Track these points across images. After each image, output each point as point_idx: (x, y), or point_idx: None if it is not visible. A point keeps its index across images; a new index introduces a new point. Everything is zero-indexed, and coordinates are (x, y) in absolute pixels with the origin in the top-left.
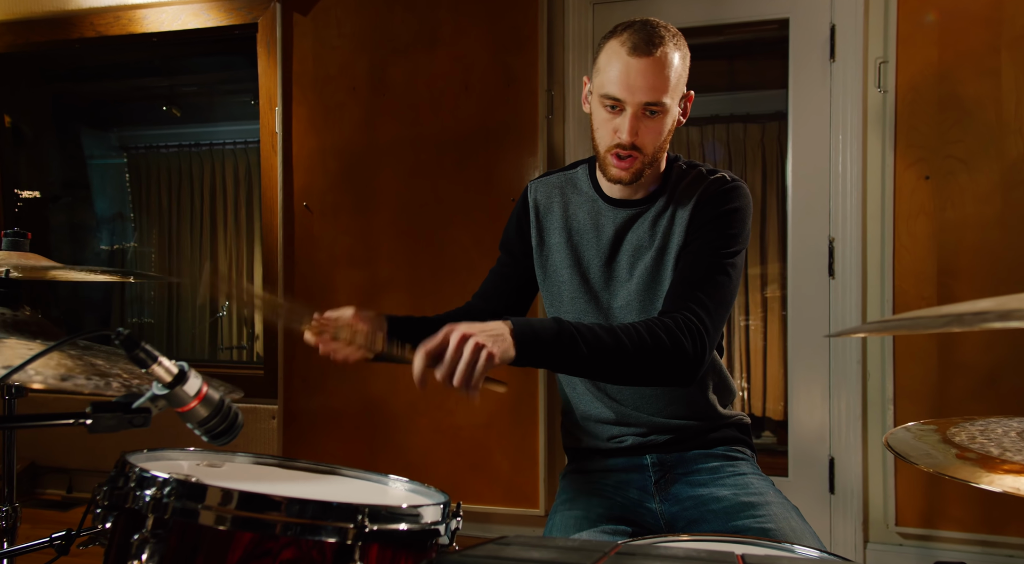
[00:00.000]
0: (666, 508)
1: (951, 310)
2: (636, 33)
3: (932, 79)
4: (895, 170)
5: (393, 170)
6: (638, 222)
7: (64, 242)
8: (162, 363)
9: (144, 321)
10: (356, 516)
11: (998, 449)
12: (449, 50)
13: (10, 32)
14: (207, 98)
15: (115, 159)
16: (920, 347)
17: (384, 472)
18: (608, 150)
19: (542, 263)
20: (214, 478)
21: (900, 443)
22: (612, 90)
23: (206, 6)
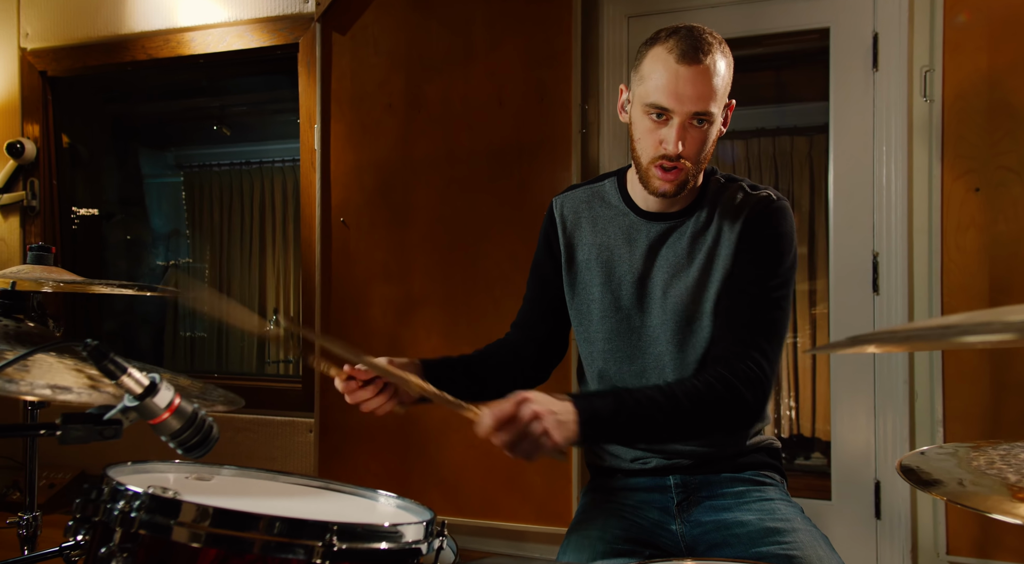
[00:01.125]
0: (687, 530)
1: (921, 325)
2: (683, 40)
3: (981, 87)
4: (942, 182)
5: (428, 185)
6: (674, 237)
7: (121, 258)
8: (132, 374)
9: (197, 335)
10: (324, 534)
11: (1016, 475)
12: (483, 66)
13: (68, 57)
14: (257, 117)
15: (172, 178)
16: (971, 367)
17: (418, 489)
18: (652, 161)
19: (571, 281)
20: (194, 492)
21: (917, 467)
22: (659, 99)
23: (250, 27)
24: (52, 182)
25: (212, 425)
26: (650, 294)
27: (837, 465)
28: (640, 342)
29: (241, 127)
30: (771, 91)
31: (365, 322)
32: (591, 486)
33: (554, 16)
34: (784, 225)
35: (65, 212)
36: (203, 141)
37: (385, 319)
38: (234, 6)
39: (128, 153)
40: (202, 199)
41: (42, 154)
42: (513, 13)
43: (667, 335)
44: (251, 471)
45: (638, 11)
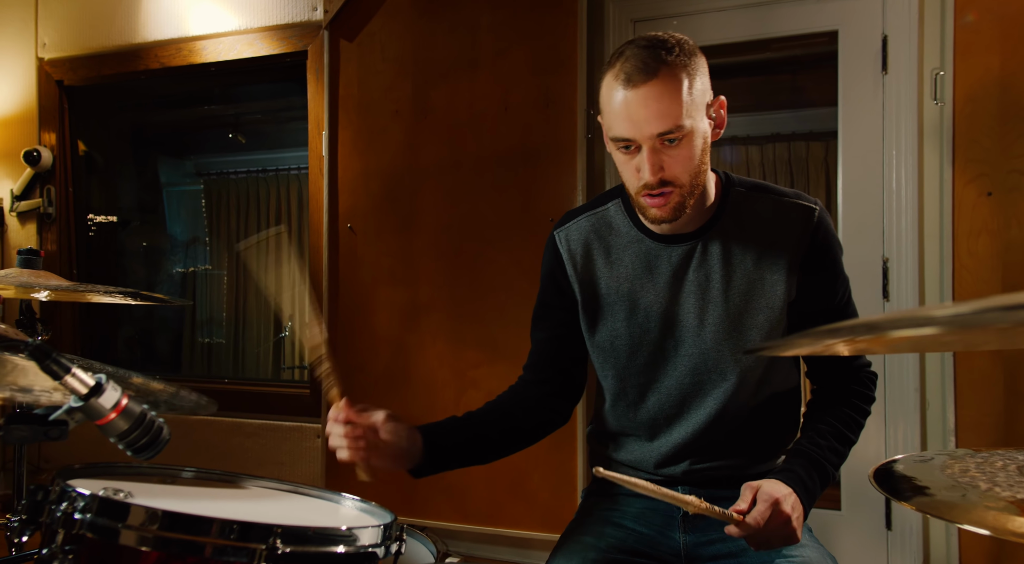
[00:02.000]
0: (690, 539)
1: (853, 323)
2: (629, 60)
3: (993, 89)
4: (954, 186)
5: (433, 192)
6: (699, 261)
7: (139, 265)
8: (76, 375)
9: (215, 341)
10: (268, 538)
11: (988, 484)
12: (489, 72)
13: (84, 66)
14: (272, 125)
15: (192, 185)
16: (984, 374)
17: (423, 495)
18: (638, 192)
19: (590, 319)
20: (152, 495)
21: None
22: (618, 131)
23: (260, 35)
24: (68, 189)
25: (162, 426)
26: (682, 322)
27: (847, 474)
28: (676, 371)
29: (257, 135)
30: (787, 96)
31: (371, 327)
32: (592, 489)
33: (559, 22)
34: (833, 230)
35: (81, 219)
36: (221, 149)
37: (391, 324)
38: (244, 15)
39: (147, 161)
40: (219, 206)
41: (58, 162)
42: (519, 19)
43: (709, 363)
44: (211, 474)
45: (643, 15)
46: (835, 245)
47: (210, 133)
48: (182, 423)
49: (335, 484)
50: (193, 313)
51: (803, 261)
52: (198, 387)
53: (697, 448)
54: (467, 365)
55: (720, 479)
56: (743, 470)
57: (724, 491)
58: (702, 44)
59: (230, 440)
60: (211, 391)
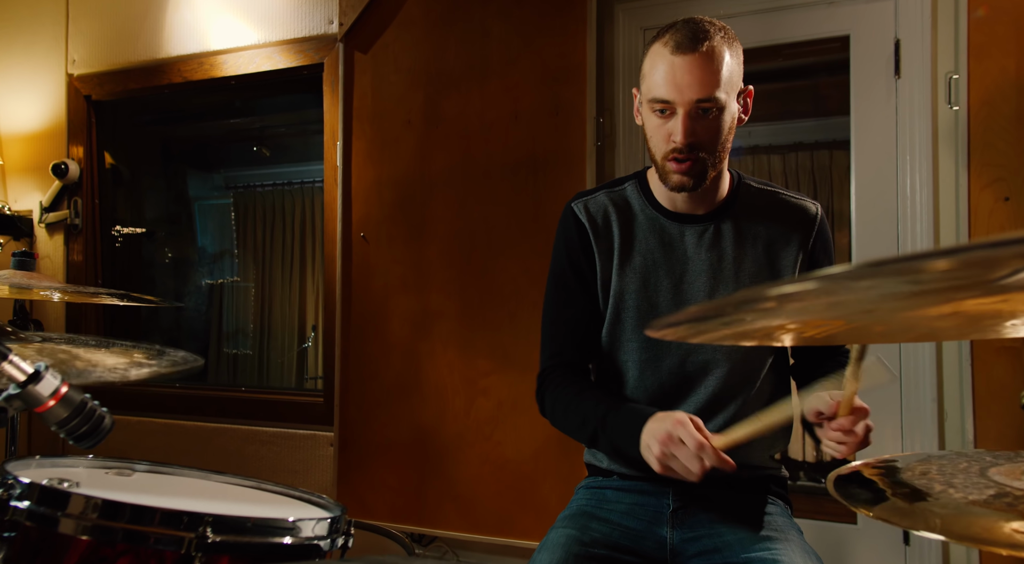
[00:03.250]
0: (677, 535)
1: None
2: (679, 31)
3: (1009, 92)
4: (969, 191)
5: (445, 200)
6: (712, 241)
7: (168, 276)
8: (14, 361)
9: (242, 352)
10: (198, 526)
11: (942, 485)
12: (499, 81)
13: (111, 81)
14: (297, 138)
15: (222, 199)
16: (1003, 384)
17: (433, 504)
18: (665, 156)
19: (606, 291)
20: (103, 486)
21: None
22: (659, 92)
23: (278, 49)
24: (94, 201)
25: (104, 415)
26: (690, 300)
27: None
28: (680, 350)
29: (283, 148)
30: (809, 104)
31: (384, 335)
32: (585, 483)
33: (569, 30)
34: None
35: (107, 230)
36: (248, 162)
37: (403, 332)
38: (263, 29)
39: (176, 174)
40: (247, 218)
41: (85, 175)
42: (528, 28)
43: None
44: (182, 469)
45: (653, 23)
46: (832, 245)
47: (237, 146)
48: (199, 430)
49: (346, 491)
50: (220, 324)
51: (808, 257)
52: (216, 395)
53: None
54: (477, 373)
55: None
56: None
57: (709, 489)
58: None
59: (245, 448)
60: (228, 399)
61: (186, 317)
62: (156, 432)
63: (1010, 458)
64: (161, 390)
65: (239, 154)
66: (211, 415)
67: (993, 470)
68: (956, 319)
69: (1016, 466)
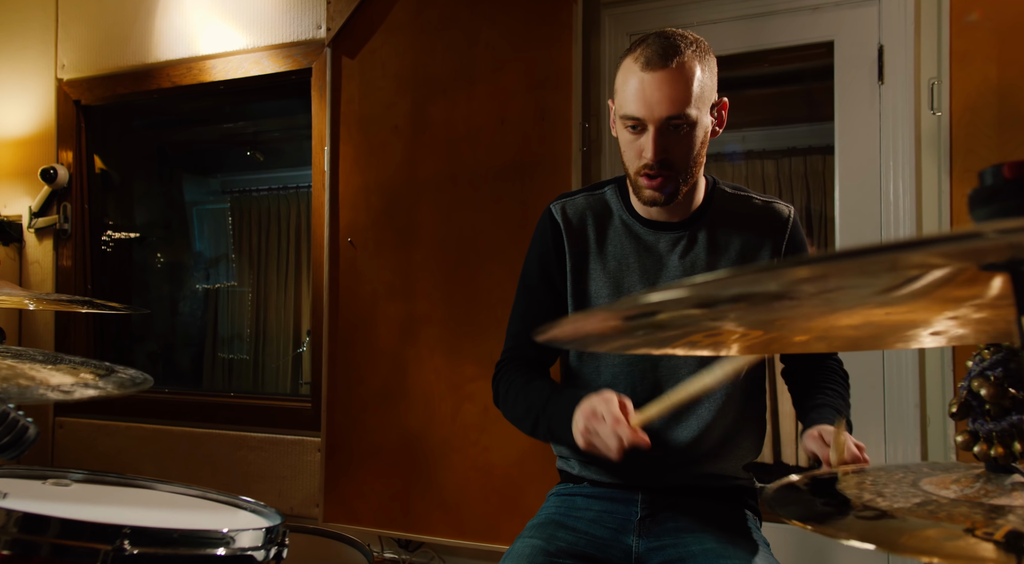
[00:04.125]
0: (643, 544)
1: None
2: (649, 46)
3: (991, 98)
4: (952, 197)
5: (431, 206)
6: (685, 248)
7: (163, 281)
8: None
9: (240, 357)
10: (115, 539)
11: (872, 495)
12: (486, 87)
13: (100, 86)
14: (291, 143)
15: (217, 203)
16: None
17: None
18: (637, 172)
19: (577, 293)
20: (32, 497)
21: (783, 495)
22: (630, 109)
23: (266, 54)
24: (84, 206)
25: (27, 426)
26: None
27: None
28: (652, 356)
29: (277, 153)
30: (803, 109)
31: (371, 341)
32: (556, 491)
33: (555, 36)
34: (803, 233)
35: (96, 235)
36: (243, 167)
37: (390, 338)
38: (251, 34)
39: (171, 179)
40: (241, 223)
41: (74, 180)
42: (515, 34)
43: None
44: (126, 478)
45: (639, 29)
46: (807, 247)
47: (232, 151)
48: (187, 436)
49: (333, 496)
50: (215, 329)
51: (782, 256)
52: (204, 400)
53: (668, 440)
54: (464, 379)
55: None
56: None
57: (679, 498)
58: None
59: (234, 454)
60: (217, 404)
61: (182, 322)
62: (144, 438)
63: (946, 469)
64: (150, 395)
65: (236, 159)
66: (200, 420)
67: (925, 481)
68: (870, 328)
69: (948, 476)
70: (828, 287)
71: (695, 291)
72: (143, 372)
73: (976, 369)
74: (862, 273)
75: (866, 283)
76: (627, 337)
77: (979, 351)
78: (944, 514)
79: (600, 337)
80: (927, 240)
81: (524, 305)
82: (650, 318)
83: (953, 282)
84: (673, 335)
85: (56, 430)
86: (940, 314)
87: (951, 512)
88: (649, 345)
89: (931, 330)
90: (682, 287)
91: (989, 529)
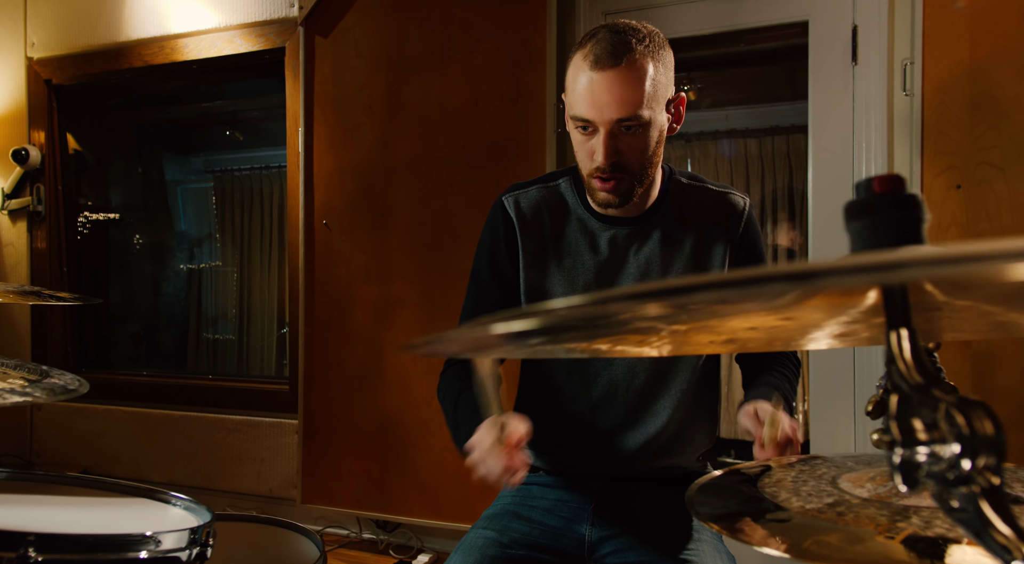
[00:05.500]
0: (596, 532)
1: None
2: (599, 43)
3: (963, 80)
4: (922, 179)
5: (406, 188)
6: (640, 242)
7: (145, 262)
8: None
9: (225, 338)
10: (18, 547)
11: (788, 493)
12: (460, 67)
13: (71, 65)
14: (272, 122)
15: (200, 183)
16: (952, 370)
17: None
18: (590, 174)
19: (529, 289)
20: None
21: (705, 495)
22: (579, 110)
23: (239, 33)
24: (57, 187)
25: None
26: None
27: None
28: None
29: (259, 132)
30: (787, 88)
31: (347, 324)
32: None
33: (530, 16)
34: (758, 224)
35: (72, 217)
36: (225, 146)
37: (366, 320)
38: (224, 12)
39: (151, 159)
40: (224, 203)
41: (47, 160)
42: (490, 13)
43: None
44: (53, 476)
45: (614, 8)
46: (761, 238)
47: (213, 130)
48: (167, 419)
49: (311, 478)
50: (199, 309)
51: (736, 251)
52: (183, 383)
53: (623, 437)
54: (440, 361)
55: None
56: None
57: (632, 486)
58: (673, 36)
59: (212, 436)
60: (195, 387)
61: (165, 303)
62: (123, 421)
63: (869, 462)
64: (129, 378)
65: (219, 138)
66: (179, 403)
67: (845, 477)
68: (771, 332)
69: (866, 473)
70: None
71: (544, 321)
72: (80, 377)
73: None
74: (720, 301)
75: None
76: (520, 346)
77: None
78: (852, 516)
79: (489, 346)
80: (755, 278)
81: (475, 302)
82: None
83: (827, 293)
84: (578, 336)
85: (35, 413)
86: (833, 319)
87: (859, 513)
88: (555, 350)
89: (831, 333)
90: (532, 316)
91: (891, 533)
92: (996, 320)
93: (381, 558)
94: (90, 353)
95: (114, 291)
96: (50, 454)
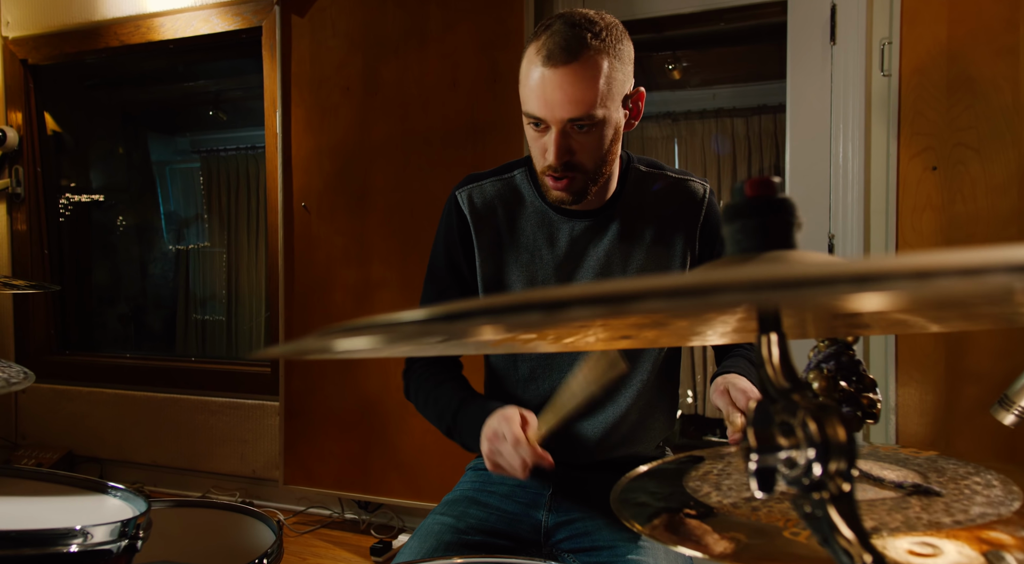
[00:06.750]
0: (552, 518)
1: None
2: (552, 37)
3: (940, 60)
4: (899, 160)
5: (384, 170)
6: (600, 234)
7: (132, 243)
8: None
9: (216, 319)
10: None
11: (710, 488)
12: (438, 47)
13: (47, 45)
14: (256, 102)
15: (187, 163)
16: (926, 353)
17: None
18: (543, 172)
19: (487, 284)
20: None
21: (628, 492)
22: (530, 107)
23: (215, 12)
24: (36, 169)
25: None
26: None
27: None
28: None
29: (244, 111)
30: (773, 67)
31: (327, 307)
32: (473, 465)
33: None
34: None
35: (51, 199)
36: (210, 126)
37: (346, 303)
38: None
39: (135, 138)
40: (210, 184)
41: (25, 141)
42: None
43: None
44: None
45: None
46: (720, 231)
47: (198, 110)
48: (150, 401)
49: (292, 460)
50: (187, 290)
51: (697, 238)
52: (166, 365)
53: (584, 426)
54: None
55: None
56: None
57: (589, 473)
58: (652, 16)
59: (195, 418)
60: (179, 369)
61: (153, 284)
62: (107, 403)
63: None
64: (112, 360)
65: (204, 118)
66: (162, 385)
67: None
68: (661, 329)
69: None
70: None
71: (387, 336)
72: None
73: (812, 361)
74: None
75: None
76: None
77: (817, 344)
78: (764, 511)
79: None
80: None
81: (432, 297)
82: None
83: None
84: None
85: (19, 395)
86: (705, 326)
87: (772, 508)
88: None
89: (721, 330)
90: (372, 330)
91: (797, 528)
92: (904, 321)
93: (363, 537)
94: (73, 336)
95: (99, 273)
96: (35, 435)
